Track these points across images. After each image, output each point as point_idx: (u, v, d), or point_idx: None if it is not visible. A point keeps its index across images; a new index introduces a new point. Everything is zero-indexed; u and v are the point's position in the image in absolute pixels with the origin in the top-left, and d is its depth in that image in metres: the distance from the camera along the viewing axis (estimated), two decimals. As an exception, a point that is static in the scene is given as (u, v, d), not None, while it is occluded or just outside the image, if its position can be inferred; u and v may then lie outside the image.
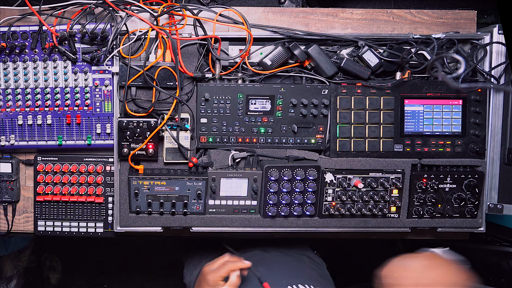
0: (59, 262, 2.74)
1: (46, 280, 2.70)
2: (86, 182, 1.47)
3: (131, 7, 1.34)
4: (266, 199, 1.42)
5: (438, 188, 1.43)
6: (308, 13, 1.49)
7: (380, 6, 2.29)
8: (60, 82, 1.39)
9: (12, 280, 2.40)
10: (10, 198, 1.50)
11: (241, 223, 1.46)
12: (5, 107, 1.40)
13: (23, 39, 1.36)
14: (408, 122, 1.42)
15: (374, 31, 1.49)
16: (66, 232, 1.51)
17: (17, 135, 1.43)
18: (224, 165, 1.43)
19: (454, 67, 1.42)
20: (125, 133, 1.36)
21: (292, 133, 1.42)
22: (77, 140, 1.44)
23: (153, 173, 1.41)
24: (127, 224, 1.45)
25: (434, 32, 1.42)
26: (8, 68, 1.38)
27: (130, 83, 1.34)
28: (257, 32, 1.38)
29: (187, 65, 1.39)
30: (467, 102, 1.41)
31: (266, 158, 1.45)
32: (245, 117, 1.41)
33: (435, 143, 1.42)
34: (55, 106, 1.41)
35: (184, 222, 1.45)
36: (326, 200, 1.44)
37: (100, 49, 1.36)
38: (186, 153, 1.42)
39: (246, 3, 1.69)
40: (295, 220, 1.46)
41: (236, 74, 1.41)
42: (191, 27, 1.35)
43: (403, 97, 1.41)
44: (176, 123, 1.38)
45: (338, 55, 1.41)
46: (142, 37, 1.35)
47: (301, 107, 1.40)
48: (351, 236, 1.58)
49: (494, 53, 1.39)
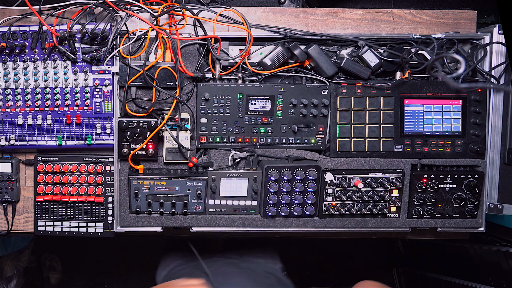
0: (59, 262, 2.74)
1: (46, 280, 2.70)
2: (86, 182, 1.47)
3: (131, 7, 1.34)
4: (266, 199, 1.42)
5: (438, 188, 1.43)
6: (308, 13, 1.49)
7: (380, 6, 2.29)
8: (60, 82, 1.39)
9: (12, 280, 2.40)
10: (10, 198, 1.50)
11: (241, 223, 1.46)
12: (5, 107, 1.41)
13: (23, 39, 1.36)
14: (408, 122, 1.42)
15: (374, 31, 1.49)
16: (66, 232, 1.51)
17: (17, 135, 1.43)
18: (224, 165, 1.43)
19: (454, 67, 1.42)
20: (125, 133, 1.36)
21: (292, 133, 1.42)
22: (77, 140, 1.44)
23: (153, 173, 1.41)
24: (127, 224, 1.45)
25: (434, 32, 1.42)
26: (8, 68, 1.38)
27: (130, 83, 1.34)
28: (257, 32, 1.38)
29: (187, 65, 1.39)
30: (467, 102, 1.41)
31: (266, 158, 1.45)
32: (245, 117, 1.41)
33: (435, 143, 1.42)
34: (55, 106, 1.41)
35: (184, 222, 1.45)
36: (326, 200, 1.44)
37: (100, 49, 1.36)
38: (186, 153, 1.42)
39: (246, 3, 1.69)
40: (295, 220, 1.46)
41: (236, 74, 1.41)
42: (191, 27, 1.35)
43: (403, 97, 1.41)
44: (176, 123, 1.38)
45: (338, 55, 1.41)
46: (142, 37, 1.35)
47: (301, 107, 1.40)
48: (351, 236, 1.58)
49: (494, 53, 1.39)
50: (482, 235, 1.54)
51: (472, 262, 2.07)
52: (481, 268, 2.02)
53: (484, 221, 1.46)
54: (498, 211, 1.44)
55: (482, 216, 1.46)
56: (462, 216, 1.46)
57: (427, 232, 1.58)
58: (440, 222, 1.46)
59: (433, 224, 1.47)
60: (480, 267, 2.03)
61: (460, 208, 1.45)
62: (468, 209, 1.45)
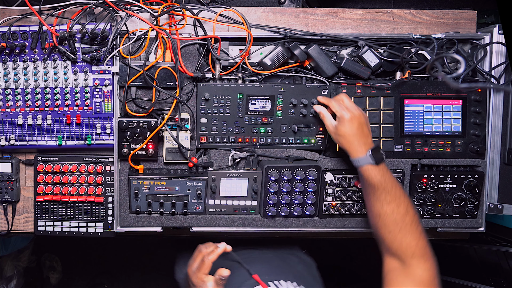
0: (59, 262, 2.74)
1: (46, 280, 2.70)
2: (86, 182, 1.47)
3: (131, 7, 1.34)
4: (266, 199, 1.42)
5: (438, 188, 1.43)
6: (308, 13, 1.49)
7: (380, 6, 2.29)
8: (60, 82, 1.39)
9: (12, 280, 2.40)
10: (10, 198, 1.50)
11: (241, 223, 1.46)
12: (5, 107, 1.40)
13: (23, 39, 1.36)
14: (408, 122, 1.42)
15: (374, 31, 1.49)
16: (66, 232, 1.51)
17: (17, 135, 1.43)
18: (224, 165, 1.43)
19: (454, 67, 1.42)
20: (125, 133, 1.36)
21: (292, 133, 1.42)
22: (77, 140, 1.44)
23: (153, 173, 1.41)
24: (127, 224, 1.45)
25: (434, 32, 1.42)
26: (8, 68, 1.38)
27: (130, 83, 1.34)
28: (257, 32, 1.38)
29: (187, 65, 1.39)
30: (467, 102, 1.41)
31: (266, 158, 1.45)
32: (245, 117, 1.41)
33: (435, 143, 1.42)
34: (55, 106, 1.41)
35: (184, 222, 1.45)
36: (326, 200, 1.44)
37: (100, 49, 1.35)
38: (186, 153, 1.42)
39: (246, 3, 1.69)
40: (295, 220, 1.46)
41: (236, 74, 1.41)
42: (191, 27, 1.35)
43: (403, 97, 1.41)
44: (176, 123, 1.38)
45: (338, 55, 1.41)
46: (142, 37, 1.35)
47: (301, 107, 1.40)
48: (351, 236, 1.58)
49: (494, 53, 1.39)
50: (482, 235, 1.54)
51: (472, 262, 2.07)
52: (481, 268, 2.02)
53: (484, 221, 1.46)
54: (498, 211, 1.44)
55: (482, 216, 1.46)
56: (462, 216, 1.46)
57: (427, 232, 1.58)
58: (440, 222, 1.46)
59: (433, 224, 1.47)
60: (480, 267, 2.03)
61: (460, 208, 1.45)
62: (468, 209, 1.45)
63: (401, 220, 1.15)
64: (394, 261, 1.16)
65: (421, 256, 1.13)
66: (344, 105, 1.26)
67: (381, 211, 1.17)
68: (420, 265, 1.12)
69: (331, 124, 1.28)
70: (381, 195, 1.17)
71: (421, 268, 1.12)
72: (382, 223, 1.18)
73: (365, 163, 1.20)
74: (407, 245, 1.13)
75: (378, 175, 1.18)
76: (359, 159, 1.21)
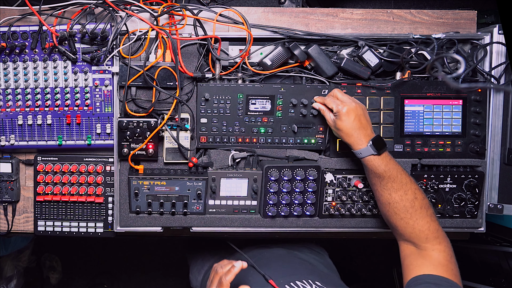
0: (59, 262, 2.74)
1: (46, 280, 2.70)
2: (86, 182, 1.47)
3: (131, 7, 1.34)
4: (266, 199, 1.42)
5: (438, 188, 1.43)
6: (308, 13, 1.49)
7: (380, 6, 2.30)
8: (60, 82, 1.40)
9: (12, 280, 2.40)
10: (10, 198, 1.50)
11: (241, 223, 1.46)
12: (5, 107, 1.41)
13: (23, 39, 1.36)
14: (408, 122, 1.42)
15: (374, 31, 1.49)
16: (66, 232, 1.51)
17: (17, 135, 1.43)
18: (224, 165, 1.43)
19: (454, 67, 1.42)
20: (125, 133, 1.36)
21: (292, 133, 1.42)
22: (77, 140, 1.44)
23: (153, 173, 1.41)
24: (127, 224, 1.45)
25: (434, 32, 1.42)
26: (8, 68, 1.38)
27: (130, 83, 1.34)
28: (257, 32, 1.38)
29: (187, 65, 1.39)
30: (467, 102, 1.41)
31: (266, 158, 1.45)
32: (245, 117, 1.41)
33: (435, 143, 1.42)
34: (55, 106, 1.41)
35: (184, 222, 1.45)
36: (326, 200, 1.44)
37: (100, 49, 1.35)
38: (186, 153, 1.42)
39: (246, 3, 1.69)
40: (295, 220, 1.46)
41: (236, 74, 1.41)
42: (191, 27, 1.35)
43: (403, 97, 1.41)
44: (176, 123, 1.38)
45: (338, 55, 1.41)
46: (142, 37, 1.35)
47: (301, 107, 1.40)
48: (351, 236, 1.58)
49: (494, 53, 1.38)
50: (482, 235, 1.54)
51: (472, 262, 2.07)
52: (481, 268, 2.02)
53: (484, 221, 1.46)
54: (498, 211, 1.44)
55: (482, 216, 1.46)
56: (462, 216, 1.46)
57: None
58: (440, 222, 1.45)
59: (433, 224, 1.47)
60: (480, 267, 2.02)
61: (460, 208, 1.45)
62: (468, 209, 1.45)
63: (411, 206, 1.17)
64: (410, 246, 1.19)
65: (434, 239, 1.15)
66: (339, 100, 1.27)
67: (390, 199, 1.19)
68: (435, 247, 1.15)
69: (331, 118, 1.29)
70: (388, 184, 1.19)
71: (436, 250, 1.15)
72: (393, 211, 1.19)
73: (367, 154, 1.21)
74: (420, 230, 1.16)
75: (382, 165, 1.19)
76: (360, 150, 1.22)
